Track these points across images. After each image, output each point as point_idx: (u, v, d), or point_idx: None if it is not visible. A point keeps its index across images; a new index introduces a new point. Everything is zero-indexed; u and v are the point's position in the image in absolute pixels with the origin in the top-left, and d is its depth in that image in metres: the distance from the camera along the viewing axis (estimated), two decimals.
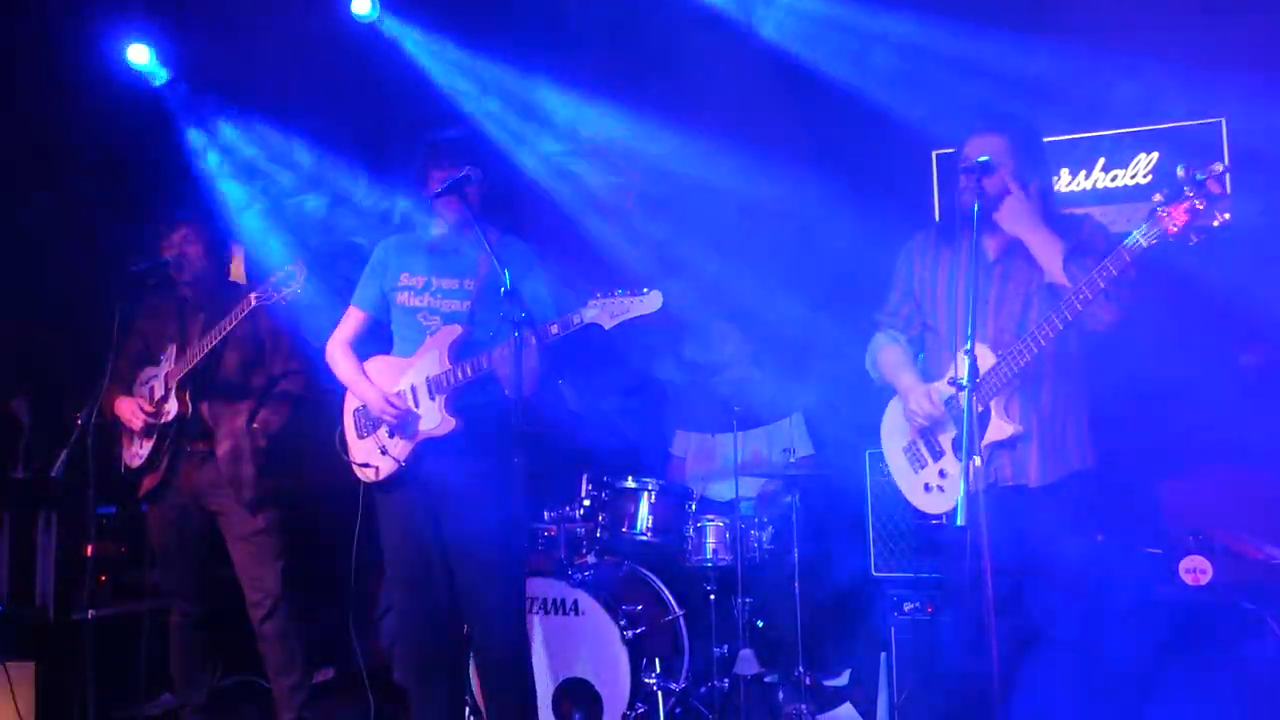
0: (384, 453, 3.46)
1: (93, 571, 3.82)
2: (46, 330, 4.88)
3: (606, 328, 3.31)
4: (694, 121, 5.16)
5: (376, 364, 3.56)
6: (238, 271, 5.17)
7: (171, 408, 3.94)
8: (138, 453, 4.01)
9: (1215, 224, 2.79)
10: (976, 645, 2.83)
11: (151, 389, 4.01)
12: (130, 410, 3.97)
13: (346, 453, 3.57)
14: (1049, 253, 3.09)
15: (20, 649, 4.20)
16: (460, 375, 3.38)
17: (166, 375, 3.99)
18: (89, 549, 3.74)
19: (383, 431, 3.49)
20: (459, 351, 3.42)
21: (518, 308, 3.12)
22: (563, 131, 5.42)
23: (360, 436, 3.55)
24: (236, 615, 4.14)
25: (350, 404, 3.61)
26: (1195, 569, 3.76)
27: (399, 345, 3.56)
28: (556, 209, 5.46)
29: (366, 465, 3.48)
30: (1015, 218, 3.13)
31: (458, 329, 3.45)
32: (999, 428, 3.13)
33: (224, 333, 3.85)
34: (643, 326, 3.38)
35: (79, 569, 4.35)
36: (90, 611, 3.78)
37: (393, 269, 3.56)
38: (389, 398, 3.43)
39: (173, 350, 4.03)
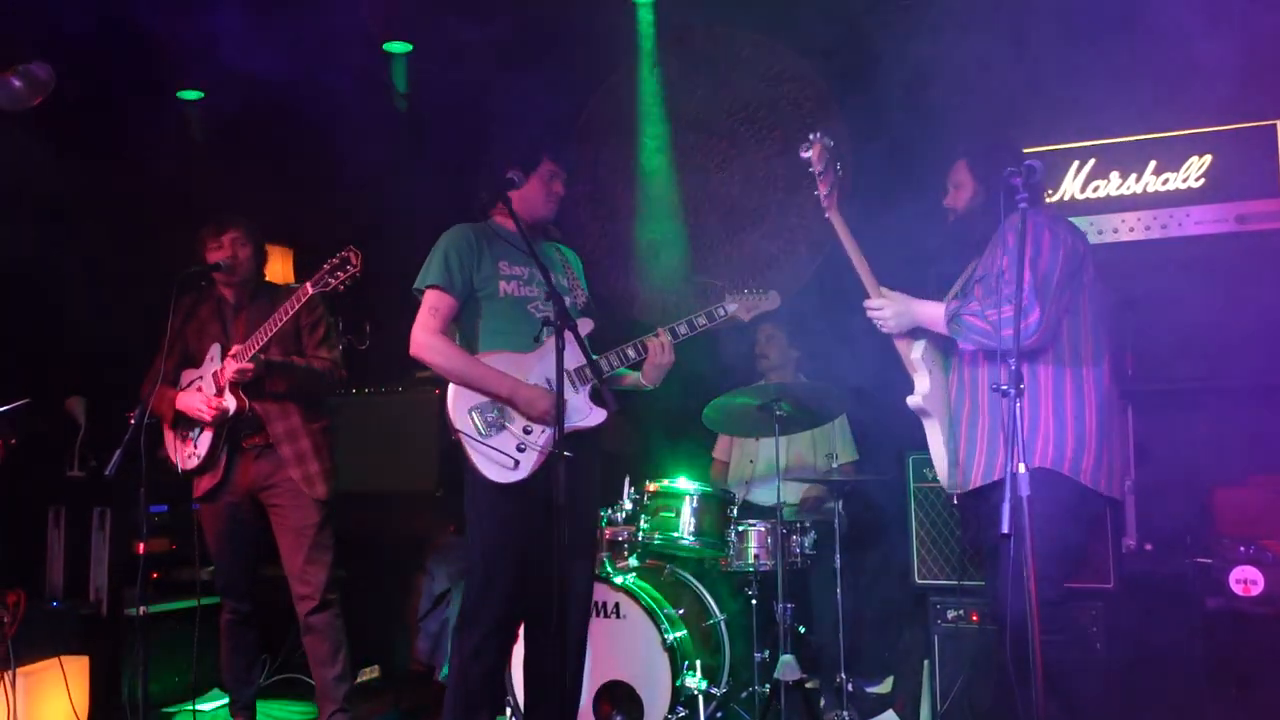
0: (522, 449, 3.29)
1: (144, 568, 3.86)
2: (102, 332, 4.98)
3: (745, 320, 3.54)
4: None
5: (497, 359, 3.34)
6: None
7: (229, 404, 3.92)
8: (194, 453, 4.02)
9: None
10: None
11: (198, 389, 4.01)
12: (197, 404, 3.92)
13: (475, 452, 3.31)
14: None
15: (75, 643, 4.28)
16: (608, 366, 3.34)
17: (216, 374, 3.98)
18: (140, 546, 3.80)
19: (517, 426, 3.30)
20: (592, 344, 3.30)
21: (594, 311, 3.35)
22: None
23: (487, 434, 3.31)
24: (279, 613, 4.20)
25: (465, 400, 3.33)
26: (1246, 579, 3.69)
27: (502, 339, 3.36)
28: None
29: (509, 461, 3.27)
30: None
31: (589, 322, 3.42)
32: None
33: (279, 324, 3.83)
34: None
35: (131, 565, 4.43)
36: (141, 607, 3.86)
37: (488, 257, 3.39)
38: (546, 393, 3.25)
39: (217, 350, 4.03)
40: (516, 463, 3.28)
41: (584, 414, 3.33)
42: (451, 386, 3.36)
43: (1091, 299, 3.23)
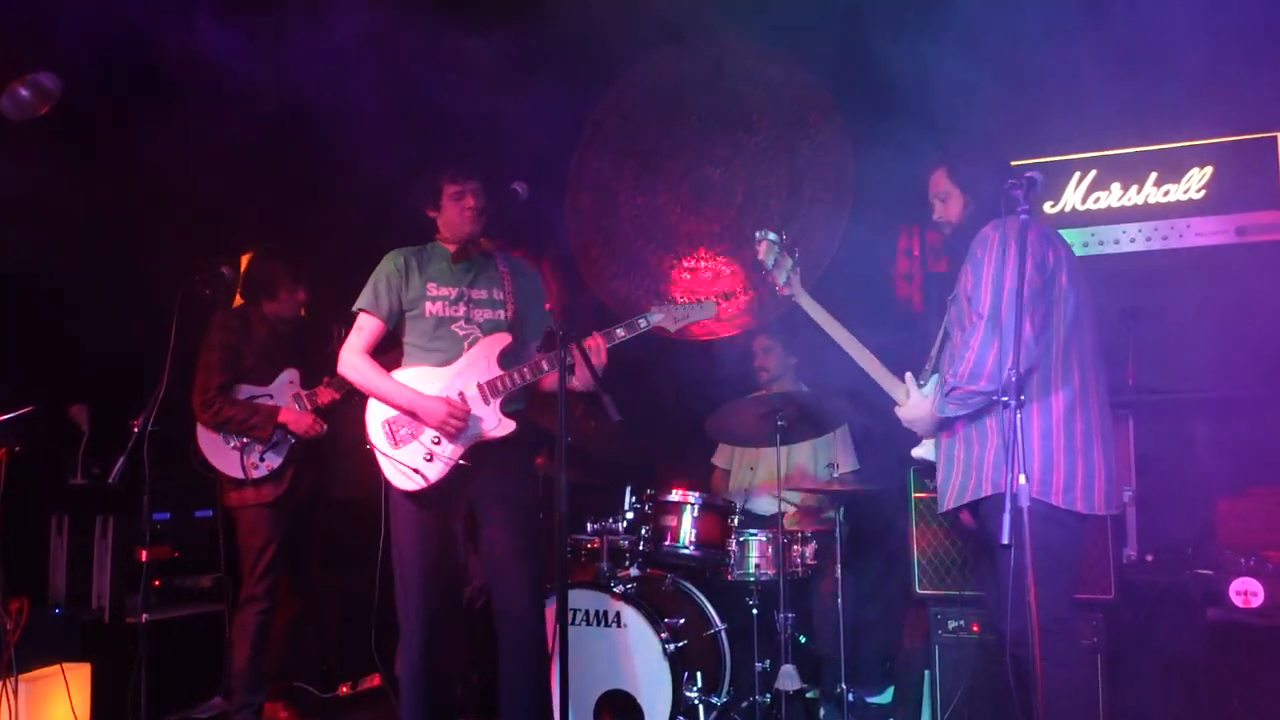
0: (430, 459, 3.48)
1: (147, 576, 3.91)
2: (105, 340, 4.99)
3: (671, 330, 3.60)
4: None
5: (407, 374, 3.55)
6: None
7: (320, 427, 4.34)
8: (265, 465, 4.31)
9: None
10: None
11: (305, 415, 4.34)
12: (308, 424, 4.31)
13: (383, 463, 3.52)
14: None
15: (77, 650, 4.28)
16: (519, 378, 3.49)
17: (302, 397, 4.36)
18: (143, 553, 3.83)
19: (426, 438, 3.50)
20: (505, 358, 3.55)
21: (548, 321, 3.47)
22: None
23: (396, 446, 3.52)
24: None
25: (379, 414, 3.56)
26: (1246, 591, 3.69)
27: (422, 355, 3.57)
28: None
29: (415, 472, 3.48)
30: None
31: (507, 337, 3.57)
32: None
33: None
34: (689, 342, 3.48)
35: (134, 573, 4.46)
36: (144, 615, 3.87)
37: (416, 280, 3.59)
38: (453, 403, 3.46)
39: (295, 374, 4.40)
40: (419, 471, 3.46)
41: (492, 425, 3.51)
42: (369, 400, 3.59)
43: (1065, 313, 3.11)
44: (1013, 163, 4.83)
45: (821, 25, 5.03)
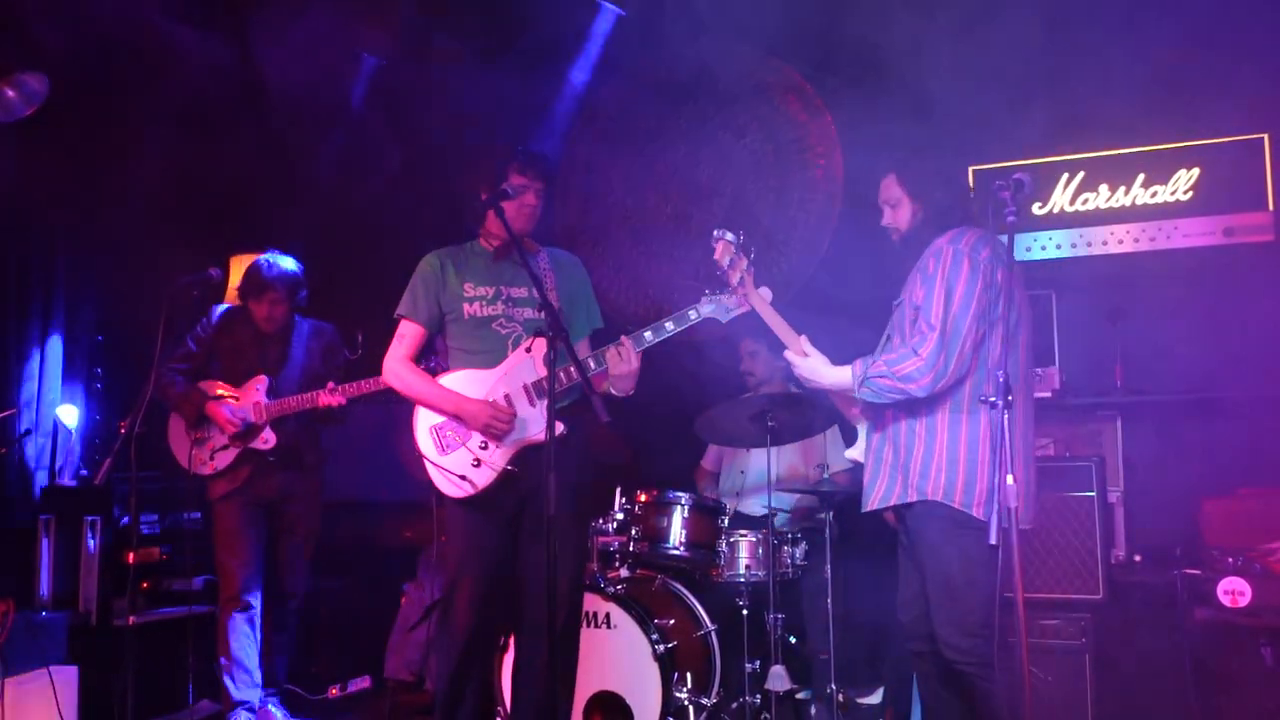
0: (478, 465, 3.38)
1: (134, 578, 3.90)
2: (92, 341, 4.98)
3: (724, 322, 3.47)
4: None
5: (452, 378, 3.48)
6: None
7: (269, 438, 4.35)
8: (210, 463, 4.35)
9: None
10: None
11: (239, 413, 4.34)
12: (227, 417, 4.28)
13: (431, 471, 3.45)
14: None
15: (64, 653, 4.27)
16: (565, 379, 3.33)
17: (260, 407, 4.35)
18: (130, 556, 3.82)
19: (474, 443, 3.41)
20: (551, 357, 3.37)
21: (598, 321, 3.51)
22: None
23: (443, 452, 3.44)
24: None
25: (426, 421, 3.48)
26: (1234, 590, 3.71)
27: (466, 357, 3.49)
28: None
29: (463, 480, 3.39)
30: None
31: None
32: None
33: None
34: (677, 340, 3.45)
35: (121, 575, 4.45)
36: (131, 617, 3.86)
37: (453, 281, 3.52)
38: (497, 406, 3.37)
39: (264, 381, 4.38)
40: (466, 479, 3.39)
41: (539, 427, 3.38)
42: (416, 408, 3.52)
43: (1003, 329, 3.05)
44: (993, 165, 4.88)
45: (806, 20, 5.02)
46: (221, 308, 4.57)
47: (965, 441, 3.10)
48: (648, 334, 3.42)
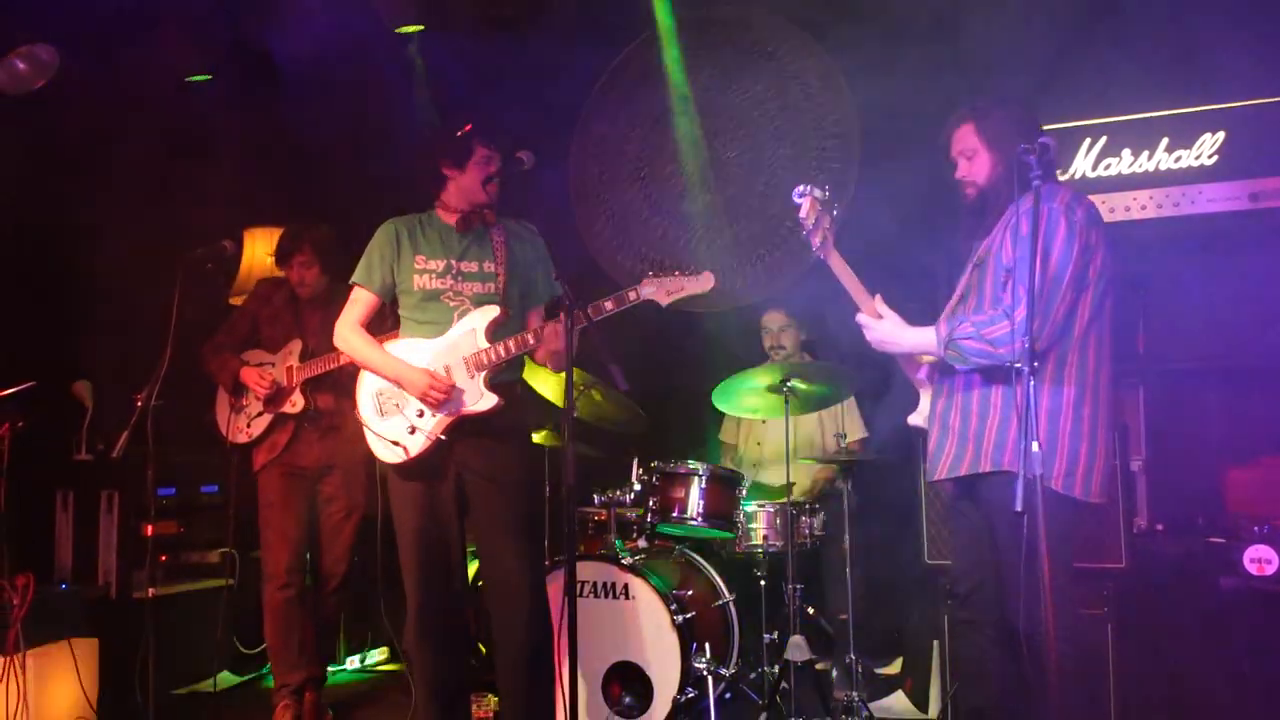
0: (412, 432, 3.45)
1: (153, 551, 3.92)
2: (108, 315, 4.97)
3: (663, 305, 3.40)
4: None
5: (398, 346, 3.55)
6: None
7: (298, 401, 4.30)
8: (246, 430, 4.35)
9: None
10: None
11: (269, 375, 4.32)
12: (256, 379, 4.28)
13: (369, 437, 3.54)
14: None
15: (84, 625, 4.28)
16: (504, 352, 3.42)
17: (291, 370, 4.32)
18: (149, 529, 3.82)
19: (411, 410, 3.47)
20: (495, 331, 3.48)
21: (556, 289, 3.39)
22: None
23: (382, 416, 3.53)
24: None
25: (369, 385, 3.58)
26: (1260, 559, 3.67)
27: (416, 328, 3.54)
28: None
29: (396, 445, 3.46)
30: None
31: (496, 310, 3.49)
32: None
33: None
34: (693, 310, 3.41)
35: (140, 548, 4.46)
36: (150, 590, 3.87)
37: (406, 253, 3.54)
38: (435, 376, 3.43)
39: (297, 346, 4.34)
40: (399, 444, 3.45)
41: (475, 399, 3.45)
42: (361, 373, 3.61)
43: (1092, 299, 2.99)
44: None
45: None
46: (261, 281, 4.62)
47: (1046, 411, 2.96)
48: (589, 311, 3.36)
